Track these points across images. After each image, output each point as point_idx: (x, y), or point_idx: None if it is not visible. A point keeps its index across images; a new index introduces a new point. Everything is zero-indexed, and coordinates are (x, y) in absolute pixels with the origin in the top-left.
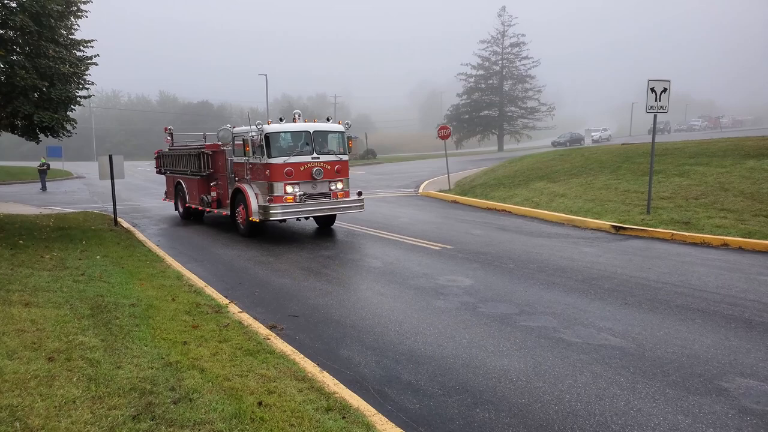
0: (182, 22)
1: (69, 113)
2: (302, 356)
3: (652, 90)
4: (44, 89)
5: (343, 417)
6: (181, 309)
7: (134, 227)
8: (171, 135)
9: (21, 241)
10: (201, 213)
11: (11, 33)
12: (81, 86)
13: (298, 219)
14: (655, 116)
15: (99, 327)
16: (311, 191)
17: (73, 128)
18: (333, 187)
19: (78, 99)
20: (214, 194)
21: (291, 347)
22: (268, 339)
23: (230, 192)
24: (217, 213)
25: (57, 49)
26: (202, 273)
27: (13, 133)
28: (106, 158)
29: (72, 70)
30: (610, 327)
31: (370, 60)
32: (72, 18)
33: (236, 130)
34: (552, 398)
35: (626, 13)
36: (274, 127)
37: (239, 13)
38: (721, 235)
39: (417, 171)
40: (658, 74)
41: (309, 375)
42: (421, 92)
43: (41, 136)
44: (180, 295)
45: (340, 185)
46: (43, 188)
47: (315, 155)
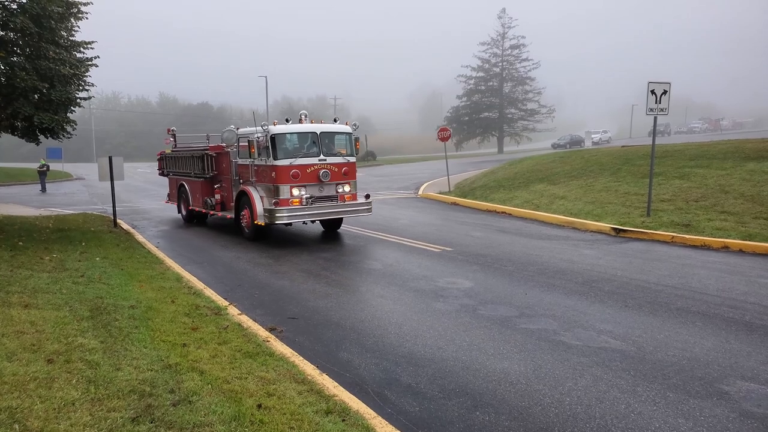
0: (182, 24)
1: (69, 115)
2: (302, 359)
3: (653, 92)
4: (44, 91)
5: (343, 420)
6: (181, 311)
7: (134, 229)
8: (174, 136)
9: (20, 243)
10: (204, 216)
11: (12, 34)
12: (81, 88)
13: (305, 223)
14: (656, 118)
15: (98, 329)
16: (318, 194)
17: (73, 130)
18: (340, 190)
19: (78, 100)
20: (218, 197)
21: (290, 349)
22: (268, 341)
23: (234, 194)
24: (221, 216)
25: (57, 51)
26: (202, 275)
27: (13, 135)
28: (106, 160)
29: (72, 72)
30: (611, 330)
31: (370, 62)
32: (72, 20)
33: (241, 132)
34: (552, 401)
35: (626, 15)
36: (280, 128)
37: (239, 15)
38: (722, 238)
39: (417, 173)
40: (659, 76)
41: (308, 377)
42: (421, 94)
43: (41, 138)
44: (179, 297)
45: (348, 188)
46: (43, 190)
47: (322, 157)
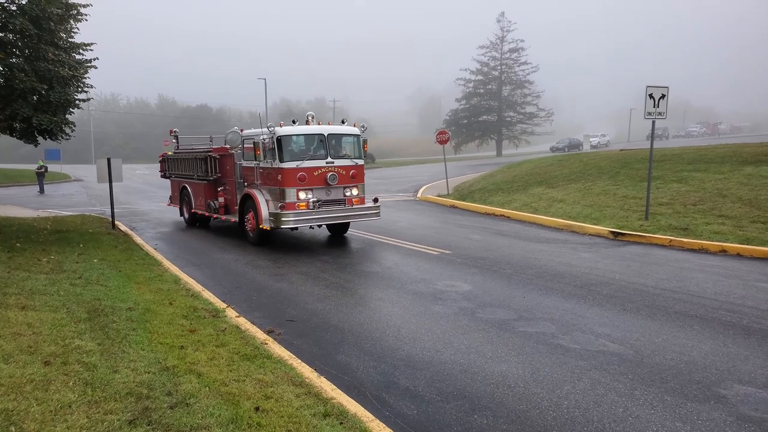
0: (181, 26)
1: (68, 116)
2: (300, 361)
3: (651, 96)
4: (43, 92)
5: (341, 423)
6: (179, 313)
7: (132, 230)
8: (176, 138)
9: (18, 244)
10: (207, 219)
11: (11, 36)
12: (80, 89)
13: (311, 227)
14: (654, 122)
15: (96, 331)
16: (325, 197)
17: (72, 131)
18: (348, 193)
19: (77, 102)
20: (222, 200)
21: (288, 352)
22: (266, 344)
23: (239, 198)
24: (225, 219)
25: (56, 53)
26: (200, 277)
27: (12, 136)
28: (105, 161)
29: (71, 74)
30: (609, 333)
31: (370, 64)
32: (72, 21)
33: (246, 133)
34: (550, 404)
35: (625, 20)
36: (287, 130)
37: (238, 17)
38: (719, 242)
39: (416, 175)
40: (657, 80)
41: (306, 380)
42: (420, 97)
43: (40, 139)
44: (177, 299)
45: (356, 191)
46: (41, 191)
47: (329, 159)
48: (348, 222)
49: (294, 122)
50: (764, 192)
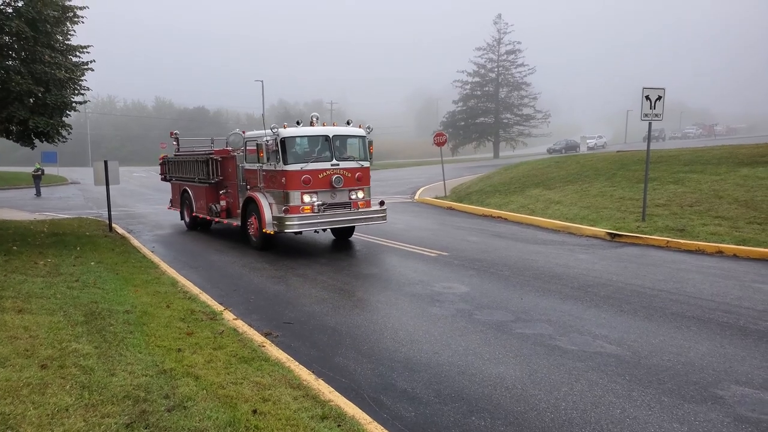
0: (179, 28)
1: (64, 119)
2: (297, 364)
3: (647, 98)
4: (40, 95)
5: (339, 425)
6: (176, 316)
7: (129, 233)
8: (177, 140)
9: (15, 247)
10: (209, 223)
11: (7, 38)
12: (76, 92)
13: (316, 231)
14: (650, 124)
15: (93, 334)
16: (330, 201)
17: (69, 134)
18: (353, 196)
19: (73, 104)
20: (224, 203)
21: (286, 355)
22: (263, 346)
23: (241, 201)
24: (227, 223)
25: (53, 55)
26: (197, 279)
27: (8, 139)
28: (101, 164)
29: (68, 76)
30: (606, 334)
31: (367, 66)
32: (68, 23)
33: (248, 135)
34: (548, 406)
35: (621, 22)
36: (291, 131)
37: (236, 20)
38: (716, 243)
39: (413, 177)
40: (654, 82)
41: (304, 383)
42: (418, 99)
43: (36, 142)
44: (175, 302)
45: (361, 194)
46: (38, 194)
47: (334, 162)
48: (353, 226)
49: (298, 123)
50: (760, 193)
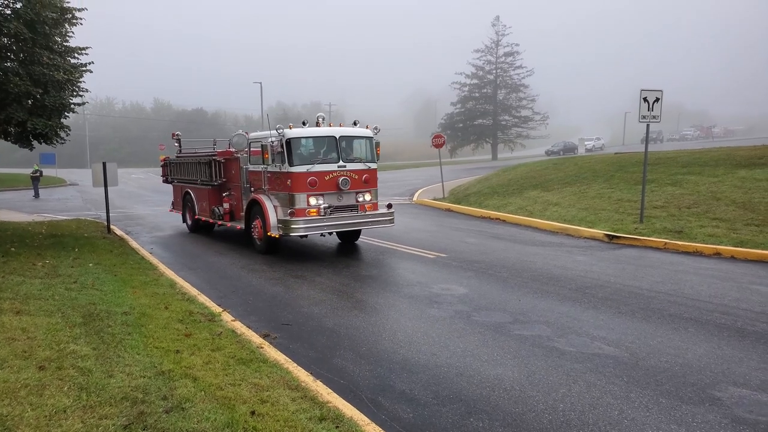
0: (177, 30)
1: (63, 120)
2: (295, 365)
3: (645, 100)
4: (38, 96)
5: (337, 426)
6: (174, 317)
7: (127, 235)
8: (179, 141)
9: (13, 249)
10: (211, 226)
11: (5, 40)
12: (75, 93)
13: (323, 235)
14: (648, 126)
15: (91, 335)
16: (337, 203)
17: (67, 135)
18: (360, 199)
19: (72, 106)
20: (227, 206)
21: (284, 356)
22: (262, 348)
23: (245, 204)
24: (230, 226)
25: (51, 56)
26: (196, 281)
27: (6, 140)
28: (100, 165)
29: (66, 77)
30: (604, 336)
31: (365, 68)
32: (66, 25)
33: (253, 136)
34: (546, 407)
35: (620, 24)
36: (297, 132)
37: (234, 22)
38: (714, 244)
39: (411, 179)
40: (652, 84)
41: (302, 384)
42: (416, 100)
43: (34, 143)
44: (173, 303)
45: (368, 196)
46: (36, 195)
47: (341, 163)
48: (360, 229)
49: (304, 124)
50: (758, 195)
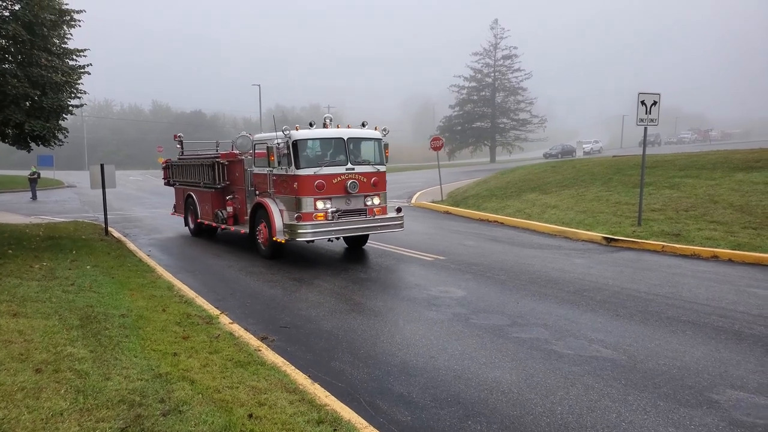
0: (176, 32)
1: (61, 122)
2: (293, 368)
3: (643, 103)
4: (36, 98)
5: (335, 429)
6: (172, 320)
7: (125, 237)
8: (181, 143)
9: (10, 251)
10: (214, 230)
11: (3, 42)
12: (73, 95)
13: (330, 240)
14: (646, 129)
15: (88, 338)
16: (345, 207)
17: (65, 137)
18: (369, 203)
19: (70, 108)
20: (231, 209)
21: (282, 359)
22: (259, 350)
23: (249, 207)
24: (234, 231)
25: (49, 58)
26: (193, 283)
27: (4, 142)
28: (98, 167)
29: (64, 79)
30: (602, 339)
31: (363, 71)
32: (65, 27)
33: (257, 137)
34: (544, 410)
35: (618, 27)
36: (304, 134)
37: (232, 24)
38: (711, 247)
39: (410, 182)
40: (649, 87)
41: (300, 387)
42: (414, 103)
43: (32, 145)
44: (170, 306)
45: (377, 200)
46: (34, 197)
47: (350, 166)
48: (368, 234)
49: (311, 125)
50: (755, 198)
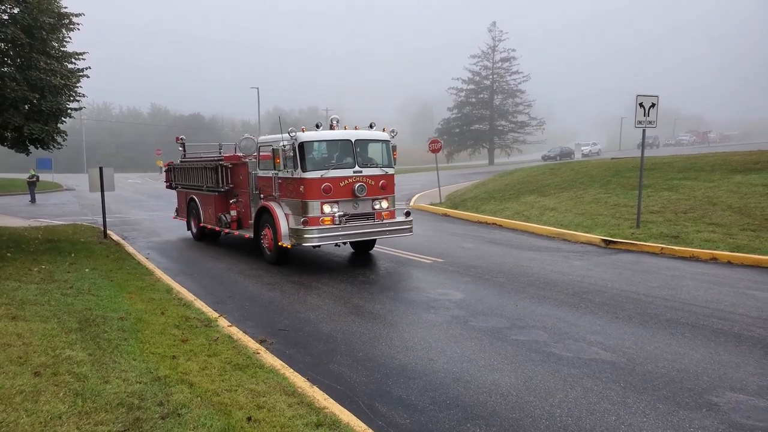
0: (175, 35)
1: (59, 125)
2: (292, 371)
3: (641, 105)
4: (35, 101)
5: None
6: (171, 323)
7: (124, 240)
8: (183, 145)
9: (9, 254)
10: (217, 234)
11: (2, 45)
12: (72, 98)
13: (337, 245)
14: (644, 131)
15: (87, 341)
16: (352, 211)
17: (64, 140)
18: (377, 206)
19: (69, 111)
20: (234, 213)
21: (281, 361)
22: (258, 353)
23: (254, 211)
24: (238, 235)
25: (48, 62)
26: (192, 286)
27: (3, 145)
28: (97, 170)
29: (63, 83)
30: (601, 341)
31: (361, 73)
32: (64, 30)
33: (262, 139)
34: (543, 413)
35: (616, 30)
36: (311, 135)
37: (231, 26)
38: (710, 249)
39: (408, 184)
40: (647, 89)
41: (299, 390)
42: (413, 106)
43: (31, 148)
44: (169, 309)
45: (386, 204)
46: (32, 200)
47: (357, 168)
48: (376, 238)
49: (318, 126)
50: (754, 200)
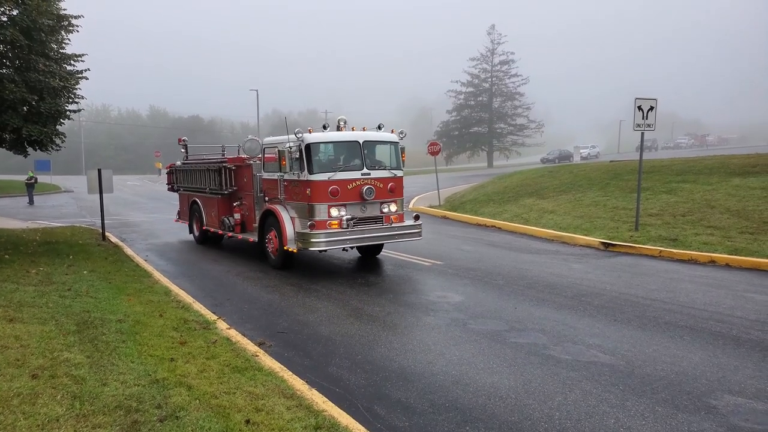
0: (174, 37)
1: (58, 127)
2: (291, 373)
3: (640, 108)
4: (33, 103)
5: None
6: (169, 325)
7: (122, 242)
8: (185, 147)
9: (7, 256)
10: (220, 237)
11: (1, 47)
12: (71, 100)
13: (345, 249)
14: (643, 134)
15: (85, 343)
16: (360, 214)
17: (62, 142)
18: (385, 210)
19: (67, 113)
20: (238, 216)
21: (279, 364)
22: (257, 356)
23: (258, 214)
24: (242, 239)
25: (47, 63)
26: (191, 288)
27: (1, 147)
28: (95, 172)
29: (62, 84)
30: (600, 344)
31: (360, 76)
32: (63, 32)
33: (267, 141)
34: (542, 416)
35: (615, 33)
36: (317, 137)
37: (230, 28)
38: (709, 252)
39: (407, 186)
40: (646, 92)
41: (297, 392)
42: (412, 108)
43: (29, 150)
44: (168, 311)
45: (394, 207)
46: (31, 202)
47: (365, 171)
48: (384, 243)
49: (325, 127)
50: (752, 203)
